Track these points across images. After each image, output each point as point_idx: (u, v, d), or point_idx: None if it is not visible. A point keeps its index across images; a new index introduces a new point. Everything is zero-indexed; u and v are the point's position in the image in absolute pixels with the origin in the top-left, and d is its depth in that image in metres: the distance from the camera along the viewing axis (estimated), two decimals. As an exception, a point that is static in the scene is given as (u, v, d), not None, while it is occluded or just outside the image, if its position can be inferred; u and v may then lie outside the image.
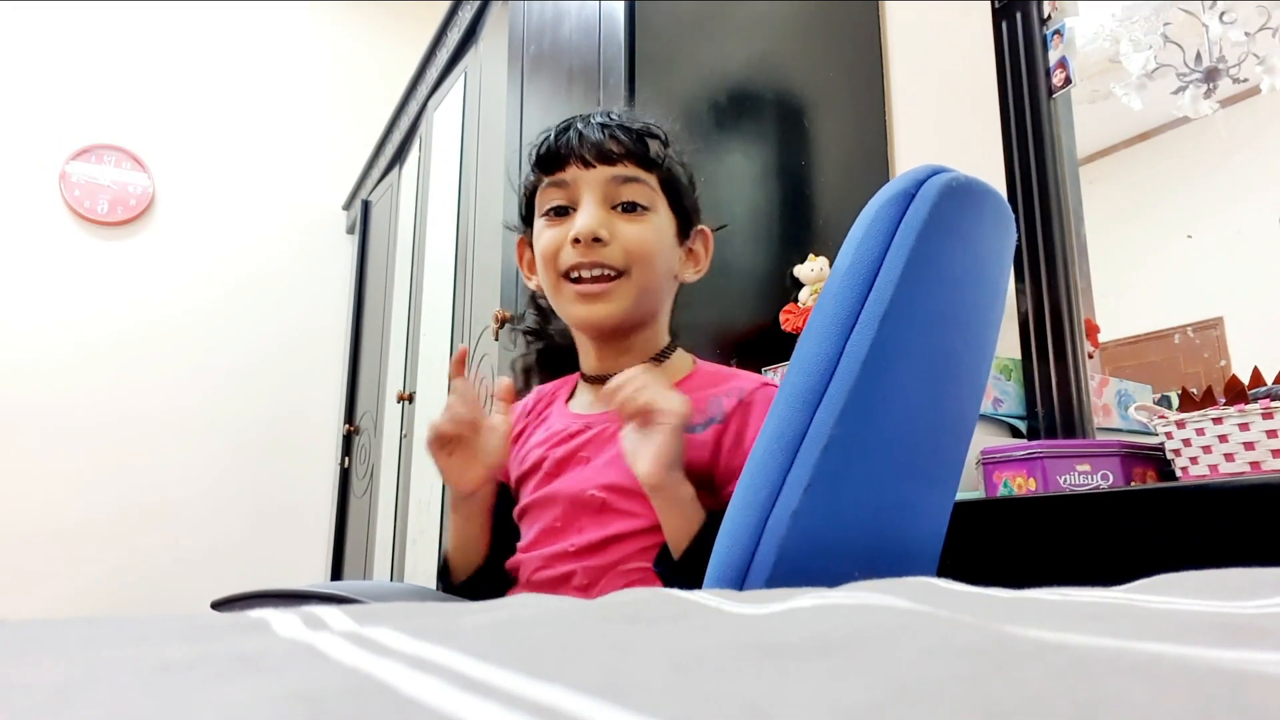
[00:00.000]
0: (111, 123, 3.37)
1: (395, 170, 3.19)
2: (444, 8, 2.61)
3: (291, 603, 0.55)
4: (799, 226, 1.59)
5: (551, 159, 0.80)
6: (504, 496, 0.88)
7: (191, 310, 3.39)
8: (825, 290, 0.60)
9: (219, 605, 0.78)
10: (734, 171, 1.55)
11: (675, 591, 0.35)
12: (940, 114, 1.66)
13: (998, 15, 1.50)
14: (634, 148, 0.79)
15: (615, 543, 0.75)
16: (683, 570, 0.69)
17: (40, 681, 0.20)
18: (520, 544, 0.84)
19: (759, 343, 1.48)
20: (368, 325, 3.34)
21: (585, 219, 0.77)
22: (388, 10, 3.91)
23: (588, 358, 0.85)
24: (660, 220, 0.81)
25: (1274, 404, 0.85)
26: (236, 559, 3.22)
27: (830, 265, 1.50)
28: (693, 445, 0.75)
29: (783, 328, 1.48)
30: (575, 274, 0.78)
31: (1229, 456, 0.88)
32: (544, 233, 0.81)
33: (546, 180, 0.80)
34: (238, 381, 3.42)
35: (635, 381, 0.70)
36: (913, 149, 1.69)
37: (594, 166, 0.78)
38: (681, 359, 0.86)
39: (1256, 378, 0.94)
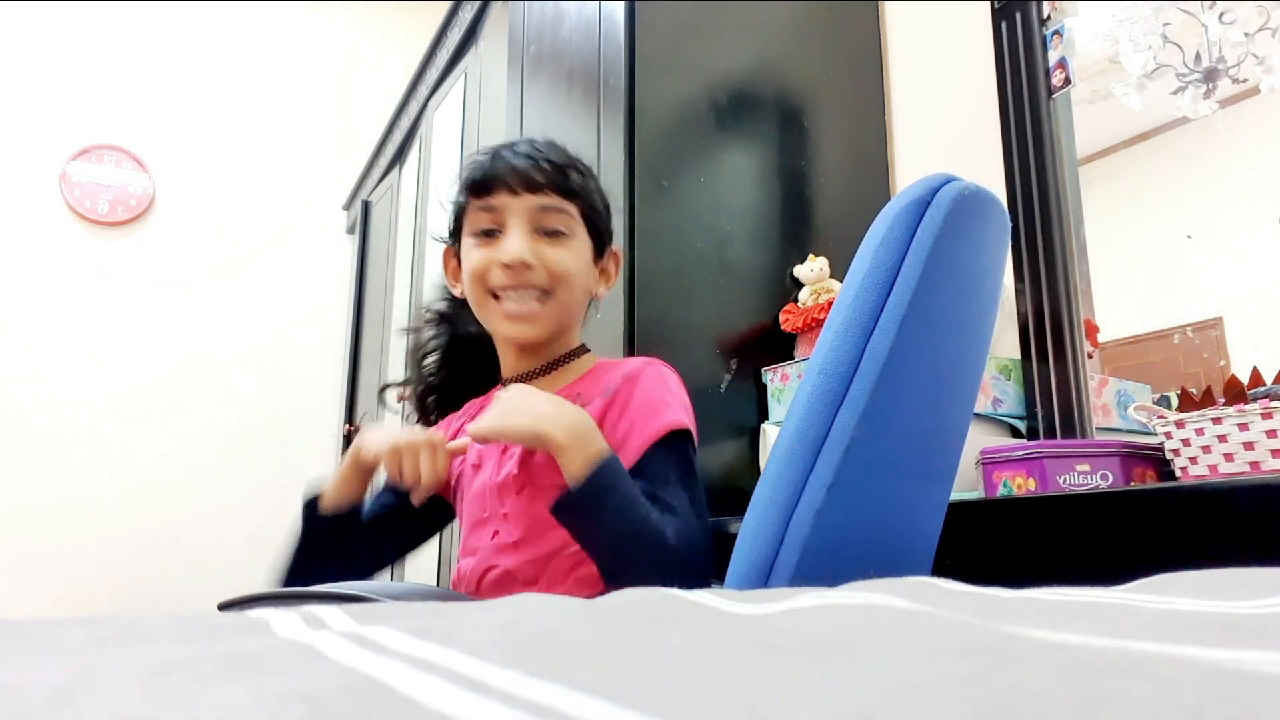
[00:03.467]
0: (111, 123, 3.37)
1: (395, 170, 3.19)
2: (444, 8, 2.61)
3: (299, 604, 0.55)
4: (799, 226, 1.59)
5: (481, 184, 0.85)
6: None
7: (191, 311, 3.39)
8: (843, 294, 0.61)
9: (226, 606, 0.79)
10: (734, 172, 1.55)
11: (675, 591, 0.35)
12: (940, 114, 1.66)
13: (997, 15, 1.50)
14: (557, 178, 0.86)
15: (549, 530, 0.78)
16: (578, 504, 0.72)
17: (40, 681, 0.20)
18: (461, 549, 0.88)
19: (759, 343, 1.48)
20: (368, 325, 3.34)
21: (514, 246, 0.83)
22: (387, 10, 3.91)
23: (507, 361, 0.93)
24: (579, 245, 0.88)
25: (1273, 404, 0.85)
26: (237, 559, 3.22)
27: (830, 265, 1.51)
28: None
29: (782, 328, 1.48)
30: (502, 294, 0.85)
31: (1228, 456, 0.88)
32: (473, 252, 0.86)
33: (476, 203, 0.86)
34: (238, 381, 3.42)
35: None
36: (912, 149, 1.69)
37: (520, 194, 0.84)
38: (586, 361, 0.93)
39: (1256, 378, 0.94)
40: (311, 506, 0.88)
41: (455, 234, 0.92)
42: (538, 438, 0.74)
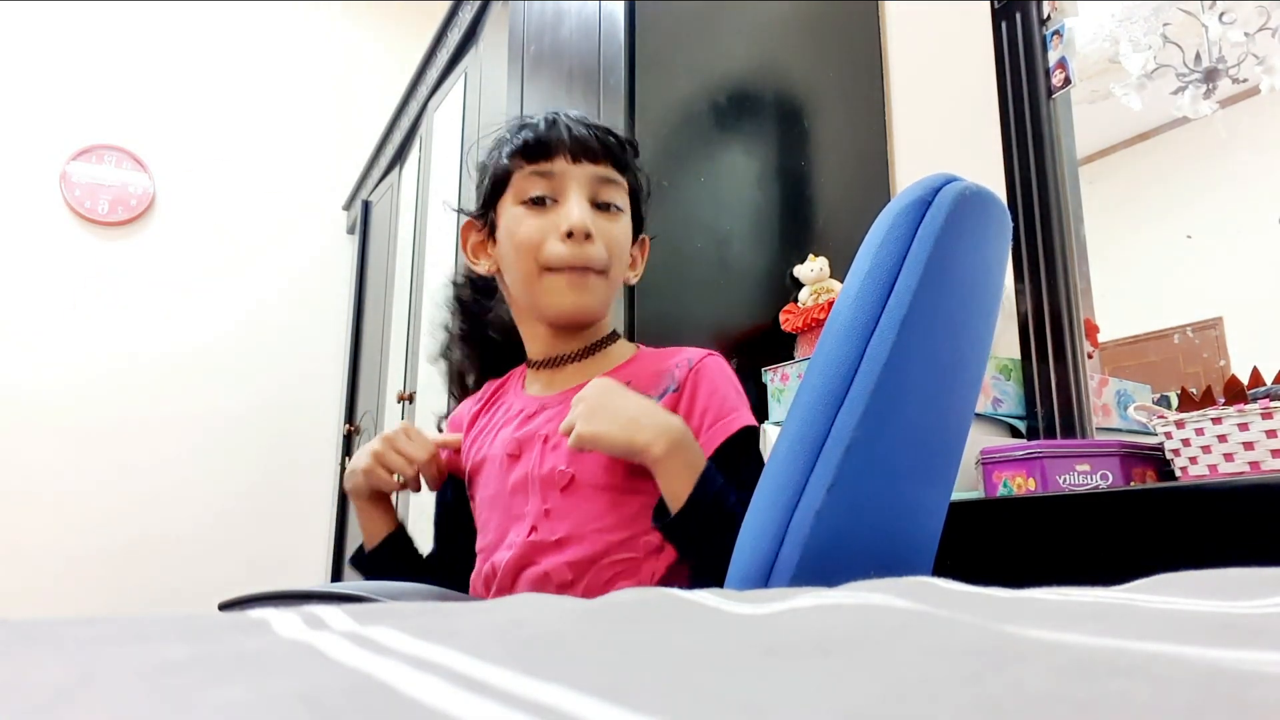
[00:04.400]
0: (111, 123, 3.37)
1: (395, 170, 3.19)
2: (444, 8, 2.61)
3: (299, 604, 0.55)
4: (799, 226, 1.59)
5: (538, 148, 0.80)
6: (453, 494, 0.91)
7: (192, 311, 3.39)
8: (844, 294, 0.61)
9: (226, 606, 0.78)
10: (734, 171, 1.55)
11: (675, 591, 0.35)
12: (940, 114, 1.66)
13: (997, 15, 1.49)
14: (616, 151, 0.83)
15: (593, 533, 0.75)
16: (685, 524, 0.70)
17: (40, 681, 0.20)
18: (482, 543, 0.83)
19: (759, 343, 1.48)
20: (368, 325, 3.34)
21: (579, 213, 0.78)
22: (387, 10, 3.90)
23: (537, 343, 0.87)
24: (627, 222, 0.85)
25: (1273, 404, 0.85)
26: (237, 559, 3.22)
27: (830, 265, 1.51)
28: None
29: (783, 328, 1.48)
30: (559, 269, 0.80)
31: (1228, 456, 0.88)
32: (524, 220, 0.80)
33: (530, 168, 0.80)
34: (238, 381, 3.42)
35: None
36: (912, 149, 1.69)
37: (581, 162, 0.80)
38: (624, 346, 0.89)
39: (1256, 378, 0.94)
40: (360, 556, 0.87)
41: (490, 202, 0.85)
42: (634, 450, 0.70)
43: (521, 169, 0.81)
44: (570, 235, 0.78)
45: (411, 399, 2.68)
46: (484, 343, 0.96)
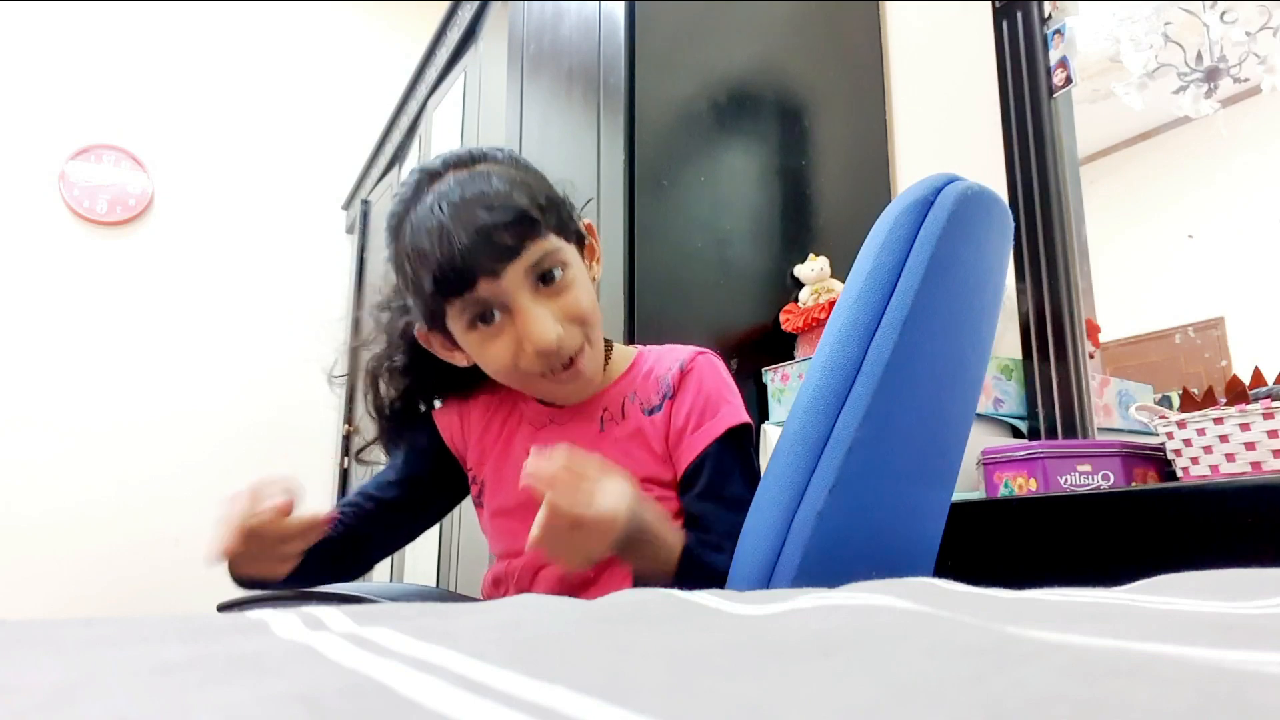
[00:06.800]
0: (111, 123, 3.37)
1: (395, 170, 3.19)
2: (444, 7, 2.61)
3: (299, 605, 0.55)
4: (799, 226, 1.59)
5: (452, 282, 0.70)
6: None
7: (191, 310, 3.39)
8: (845, 294, 0.61)
9: (226, 607, 0.78)
10: (734, 171, 1.55)
11: (675, 592, 0.35)
12: (940, 114, 1.66)
13: (998, 15, 1.49)
14: (528, 229, 0.71)
15: None
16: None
17: (40, 681, 0.20)
18: (496, 548, 0.83)
19: (759, 343, 1.48)
20: (367, 325, 3.34)
21: (539, 330, 0.70)
22: (387, 10, 3.90)
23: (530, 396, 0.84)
24: (575, 267, 0.75)
25: (1275, 404, 0.85)
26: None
27: (830, 265, 1.51)
28: (654, 424, 0.78)
29: (783, 328, 1.48)
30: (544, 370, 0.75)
31: (1230, 457, 0.88)
32: (487, 346, 0.73)
33: (459, 302, 0.72)
34: (237, 381, 3.42)
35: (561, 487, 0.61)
36: (913, 149, 1.69)
37: (504, 271, 0.70)
38: (623, 352, 0.86)
39: (1257, 378, 0.94)
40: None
41: (432, 322, 0.77)
42: (589, 564, 0.67)
43: (451, 304, 0.72)
44: (542, 354, 0.72)
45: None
46: (427, 381, 0.88)
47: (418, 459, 0.90)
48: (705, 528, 0.73)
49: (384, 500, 0.89)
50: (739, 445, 0.78)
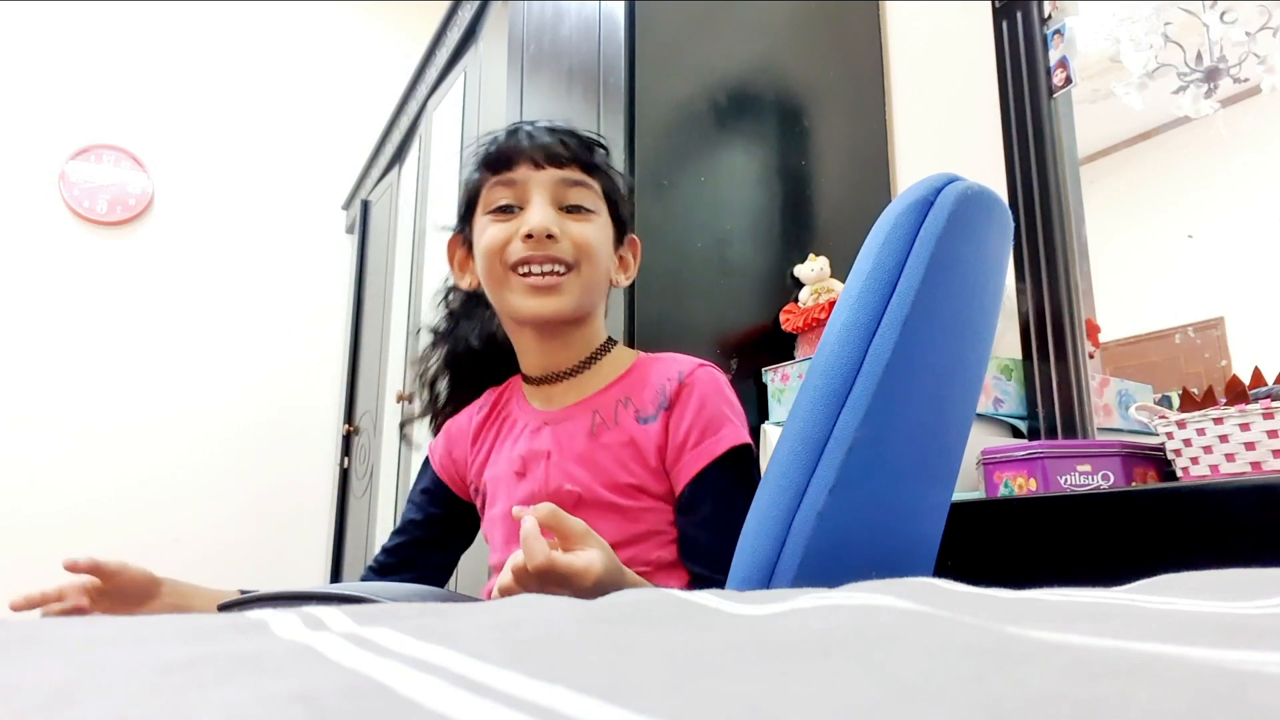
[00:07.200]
0: (111, 123, 3.37)
1: (395, 170, 3.19)
2: (444, 7, 2.61)
3: (299, 605, 0.55)
4: (799, 226, 1.59)
5: (500, 159, 0.81)
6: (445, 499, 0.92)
7: (191, 310, 3.39)
8: (845, 294, 0.61)
9: (226, 607, 0.78)
10: (734, 171, 1.55)
11: (675, 592, 0.35)
12: (940, 114, 1.66)
13: (998, 15, 1.49)
14: (581, 153, 0.82)
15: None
16: None
17: (40, 681, 0.20)
18: (494, 559, 0.85)
19: (759, 343, 1.48)
20: (367, 325, 3.34)
21: (538, 216, 0.79)
22: (387, 10, 3.90)
23: (529, 356, 0.87)
24: (602, 223, 0.84)
25: (1275, 404, 0.85)
26: (236, 559, 3.22)
27: (830, 265, 1.51)
28: (648, 434, 0.78)
29: (783, 328, 1.48)
30: (524, 268, 0.80)
31: (1230, 457, 0.88)
32: (489, 228, 0.81)
33: (494, 179, 0.82)
34: (237, 381, 3.42)
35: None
36: (913, 149, 1.69)
37: (544, 168, 0.80)
38: (622, 354, 0.88)
39: (1257, 377, 0.94)
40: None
41: (466, 217, 0.87)
42: None
43: (487, 180, 0.82)
44: (530, 236, 0.78)
45: (411, 399, 2.68)
46: (465, 350, 0.95)
47: (428, 501, 0.94)
48: (705, 560, 0.74)
49: (409, 541, 0.93)
50: (740, 468, 0.78)
